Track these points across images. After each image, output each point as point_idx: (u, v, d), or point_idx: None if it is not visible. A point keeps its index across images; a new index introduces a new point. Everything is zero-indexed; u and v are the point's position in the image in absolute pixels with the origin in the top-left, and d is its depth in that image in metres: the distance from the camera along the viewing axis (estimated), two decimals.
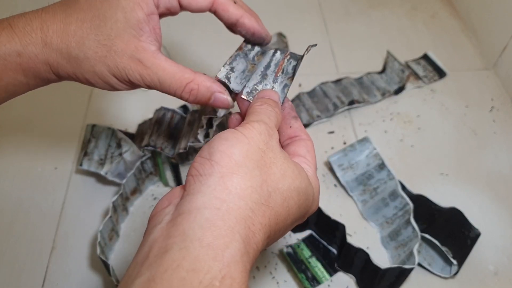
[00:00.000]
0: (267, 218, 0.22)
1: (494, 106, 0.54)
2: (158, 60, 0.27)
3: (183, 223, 0.20)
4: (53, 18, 0.26)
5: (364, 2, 0.69)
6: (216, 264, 0.19)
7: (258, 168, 0.23)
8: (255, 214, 0.21)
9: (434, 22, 0.66)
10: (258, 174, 0.22)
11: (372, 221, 0.43)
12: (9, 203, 0.44)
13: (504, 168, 0.48)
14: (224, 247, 0.19)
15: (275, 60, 0.31)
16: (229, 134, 0.23)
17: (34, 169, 0.47)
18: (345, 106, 0.52)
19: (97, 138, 0.45)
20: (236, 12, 0.29)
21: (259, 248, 0.22)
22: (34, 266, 0.40)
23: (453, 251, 0.39)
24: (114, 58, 0.26)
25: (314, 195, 0.26)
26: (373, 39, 0.62)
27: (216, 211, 0.20)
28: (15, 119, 0.52)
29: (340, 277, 0.40)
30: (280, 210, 0.23)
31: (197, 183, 0.22)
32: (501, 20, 0.56)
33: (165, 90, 0.28)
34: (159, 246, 0.20)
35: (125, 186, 0.42)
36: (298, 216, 0.25)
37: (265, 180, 0.23)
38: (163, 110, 0.45)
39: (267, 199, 0.22)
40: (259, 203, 0.22)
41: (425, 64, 0.58)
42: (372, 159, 0.45)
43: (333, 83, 0.55)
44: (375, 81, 0.56)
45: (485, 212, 0.44)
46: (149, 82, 0.27)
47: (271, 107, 0.27)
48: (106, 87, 0.28)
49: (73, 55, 0.26)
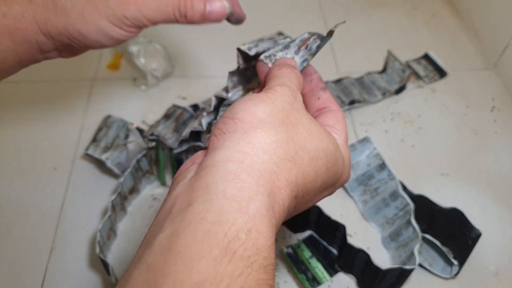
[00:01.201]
0: (293, 175, 0.21)
1: (495, 106, 0.54)
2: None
3: (206, 176, 0.20)
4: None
5: (364, 2, 0.69)
6: (241, 216, 0.18)
7: (283, 125, 0.22)
8: (280, 169, 0.21)
9: (435, 22, 0.65)
10: (284, 131, 0.22)
11: (372, 221, 0.43)
12: (8, 204, 0.44)
13: (505, 168, 0.48)
14: (249, 199, 0.19)
15: (301, 37, 0.31)
16: (253, 95, 0.23)
17: (33, 169, 0.47)
18: (346, 105, 0.52)
19: (109, 127, 0.46)
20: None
21: (285, 206, 0.21)
22: (34, 266, 0.40)
23: (454, 252, 0.39)
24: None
25: (345, 162, 0.25)
26: (374, 38, 0.62)
27: (239, 164, 0.20)
28: (14, 119, 0.51)
29: (341, 277, 0.40)
30: (307, 170, 0.22)
31: (220, 140, 0.21)
32: (502, 19, 0.56)
33: (163, 14, 0.27)
34: (182, 201, 0.19)
35: (123, 185, 0.42)
36: (327, 181, 0.24)
37: (291, 138, 0.22)
38: (174, 107, 0.46)
39: (293, 156, 0.21)
40: (285, 159, 0.21)
41: (426, 64, 0.58)
42: (373, 159, 0.45)
43: (333, 83, 0.55)
44: (375, 81, 0.56)
45: (486, 213, 0.44)
46: (147, 11, 0.27)
47: (291, 69, 0.26)
48: (100, 37, 0.27)
49: (59, 5, 0.26)
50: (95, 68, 0.57)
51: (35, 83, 0.55)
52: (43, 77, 0.56)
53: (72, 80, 0.56)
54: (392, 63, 0.57)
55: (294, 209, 0.22)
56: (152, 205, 0.44)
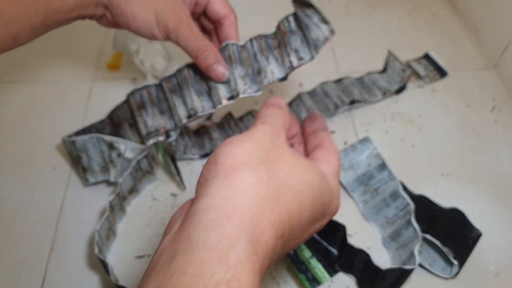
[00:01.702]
0: (276, 214, 0.21)
1: (496, 106, 0.54)
2: (191, 22, 0.35)
3: (189, 226, 0.20)
4: None
5: (364, 2, 0.69)
6: (221, 267, 0.18)
7: (264, 164, 0.22)
8: (262, 210, 0.21)
9: (435, 22, 0.65)
10: (264, 169, 0.22)
11: (373, 221, 0.43)
12: (7, 204, 0.44)
13: (505, 168, 0.48)
14: (229, 248, 0.19)
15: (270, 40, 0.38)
16: (234, 137, 0.23)
17: (33, 169, 0.47)
18: (346, 105, 0.52)
19: (86, 151, 0.42)
20: (234, 35, 0.39)
21: (270, 248, 0.21)
22: (34, 266, 0.40)
23: (454, 252, 0.39)
24: (163, 6, 0.33)
25: (332, 192, 0.25)
26: (374, 38, 0.62)
27: (220, 210, 0.20)
28: (14, 119, 0.51)
29: (341, 277, 0.40)
30: (291, 205, 0.22)
31: (203, 187, 0.21)
32: (502, 19, 0.56)
33: (188, 46, 0.35)
34: (167, 253, 0.20)
35: (122, 185, 0.41)
36: (314, 214, 0.24)
37: (272, 176, 0.22)
38: (137, 92, 0.40)
39: (275, 194, 0.21)
40: (266, 199, 0.21)
41: (426, 64, 0.58)
42: (373, 159, 0.45)
43: (333, 83, 0.55)
44: (376, 81, 0.56)
45: (486, 213, 0.44)
46: (181, 34, 0.34)
47: (277, 108, 0.27)
48: (143, 25, 0.33)
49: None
50: (95, 68, 0.57)
51: (35, 83, 0.55)
52: (43, 77, 0.56)
53: (72, 80, 0.56)
54: (392, 63, 0.57)
55: (283, 247, 0.22)
56: (152, 205, 0.44)
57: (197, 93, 0.39)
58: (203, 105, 0.38)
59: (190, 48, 0.35)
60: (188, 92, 0.39)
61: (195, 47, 0.34)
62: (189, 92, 0.39)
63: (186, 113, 0.38)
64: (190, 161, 0.48)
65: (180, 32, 0.34)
